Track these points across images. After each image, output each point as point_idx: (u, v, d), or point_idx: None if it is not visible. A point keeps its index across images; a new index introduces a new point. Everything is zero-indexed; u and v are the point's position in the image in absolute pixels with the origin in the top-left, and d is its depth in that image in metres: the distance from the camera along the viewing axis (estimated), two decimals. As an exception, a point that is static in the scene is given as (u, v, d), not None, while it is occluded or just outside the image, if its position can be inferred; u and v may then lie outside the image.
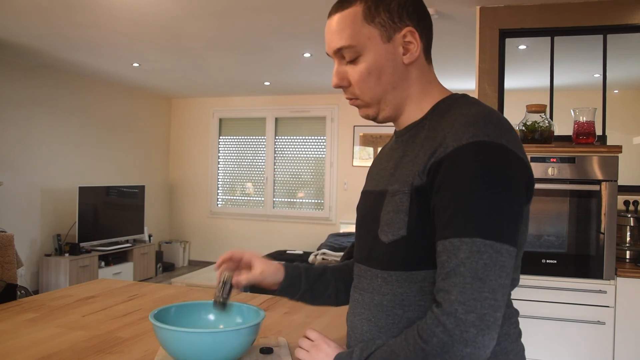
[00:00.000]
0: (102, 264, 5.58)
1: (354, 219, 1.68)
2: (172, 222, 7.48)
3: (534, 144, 2.73)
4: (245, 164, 7.19)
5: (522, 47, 3.38)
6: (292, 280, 1.12)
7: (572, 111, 2.84)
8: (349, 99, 0.97)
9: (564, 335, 2.61)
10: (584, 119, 2.77)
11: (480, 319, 0.74)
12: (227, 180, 7.30)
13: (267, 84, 6.11)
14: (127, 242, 6.08)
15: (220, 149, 7.30)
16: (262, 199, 7.07)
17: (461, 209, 0.78)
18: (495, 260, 0.76)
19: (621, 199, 2.93)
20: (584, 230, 2.63)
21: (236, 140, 7.25)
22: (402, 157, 0.92)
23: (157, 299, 1.70)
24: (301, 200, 6.92)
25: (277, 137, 7.01)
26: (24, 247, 5.14)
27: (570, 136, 2.87)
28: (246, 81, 5.99)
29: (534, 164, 2.63)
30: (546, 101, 3.16)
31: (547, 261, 2.65)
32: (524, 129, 2.82)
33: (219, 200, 7.32)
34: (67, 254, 5.27)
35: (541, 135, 2.78)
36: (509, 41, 3.28)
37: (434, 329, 0.76)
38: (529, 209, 0.91)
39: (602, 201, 2.56)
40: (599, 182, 2.57)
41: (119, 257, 5.85)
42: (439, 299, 0.78)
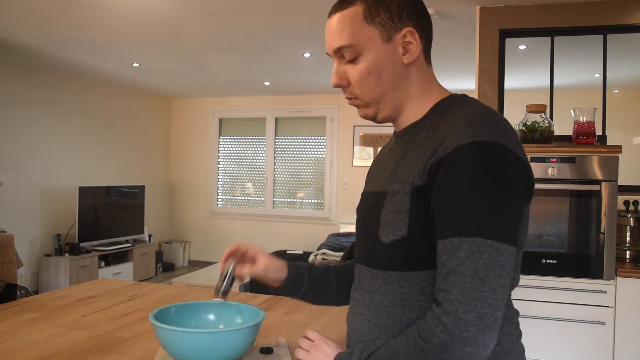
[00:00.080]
0: (102, 264, 5.58)
1: (354, 219, 1.68)
2: (172, 222, 7.48)
3: (534, 144, 2.73)
4: (245, 164, 7.19)
5: (522, 47, 3.38)
6: (295, 278, 1.12)
7: (572, 111, 2.84)
8: (349, 98, 0.97)
9: (564, 335, 2.61)
10: (584, 119, 2.77)
11: (480, 319, 0.74)
12: (227, 180, 7.30)
13: (267, 84, 6.11)
14: (127, 242, 6.08)
15: (220, 149, 7.30)
16: (262, 199, 7.06)
17: (461, 208, 0.78)
18: (495, 259, 0.76)
19: (621, 199, 2.93)
20: (584, 230, 2.63)
21: (236, 140, 7.24)
22: (402, 158, 0.93)
23: (157, 299, 1.70)
24: (301, 200, 6.92)
25: (277, 137, 7.01)
26: (24, 247, 5.14)
27: (570, 136, 2.87)
28: (246, 81, 5.99)
29: (534, 164, 2.63)
30: (546, 101, 3.16)
31: (547, 261, 2.65)
32: (524, 129, 2.82)
33: (219, 200, 7.32)
34: (67, 254, 5.27)
35: (541, 135, 2.78)
36: (509, 41, 3.28)
37: (434, 328, 0.77)
38: (529, 209, 0.91)
39: (602, 201, 2.56)
40: (599, 182, 2.57)
41: (119, 257, 5.85)
42: (439, 298, 0.78)
